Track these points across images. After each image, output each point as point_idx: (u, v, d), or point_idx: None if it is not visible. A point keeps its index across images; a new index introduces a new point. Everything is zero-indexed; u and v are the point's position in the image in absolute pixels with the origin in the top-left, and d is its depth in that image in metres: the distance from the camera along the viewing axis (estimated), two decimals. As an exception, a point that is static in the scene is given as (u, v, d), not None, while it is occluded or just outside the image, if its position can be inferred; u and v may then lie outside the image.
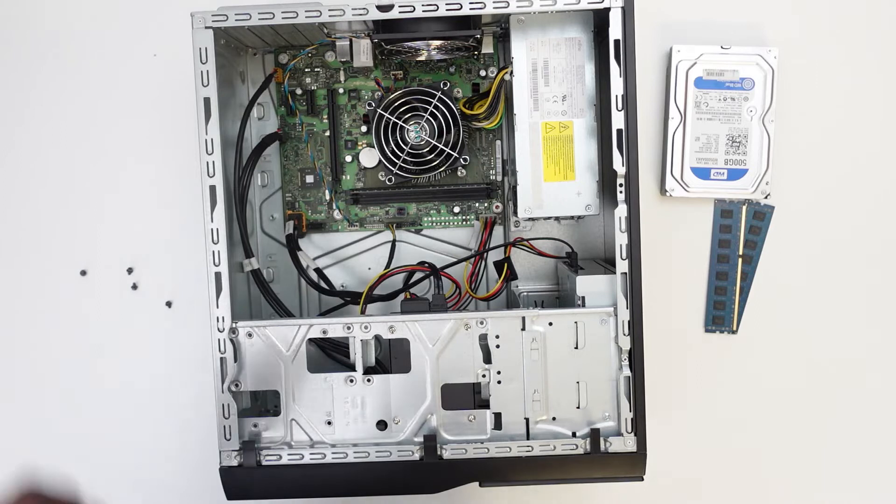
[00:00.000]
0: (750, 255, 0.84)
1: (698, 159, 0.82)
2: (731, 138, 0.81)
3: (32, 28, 0.87)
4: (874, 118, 0.84)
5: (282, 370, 0.71)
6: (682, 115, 0.81)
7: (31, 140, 0.87)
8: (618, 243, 0.69)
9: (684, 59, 0.81)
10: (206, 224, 0.70)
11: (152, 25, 0.86)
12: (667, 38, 0.83)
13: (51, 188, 0.87)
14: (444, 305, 0.73)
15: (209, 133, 0.70)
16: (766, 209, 0.84)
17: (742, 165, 0.82)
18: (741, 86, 0.81)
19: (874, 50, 0.84)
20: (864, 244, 0.84)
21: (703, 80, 0.81)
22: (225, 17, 0.69)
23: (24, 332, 0.87)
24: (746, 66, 0.81)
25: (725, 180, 0.82)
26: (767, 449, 0.85)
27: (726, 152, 0.81)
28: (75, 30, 0.87)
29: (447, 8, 0.68)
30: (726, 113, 0.81)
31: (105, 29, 0.86)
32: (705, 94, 0.81)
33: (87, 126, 0.87)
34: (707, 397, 0.85)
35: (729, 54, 0.81)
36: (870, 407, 0.85)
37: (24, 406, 0.88)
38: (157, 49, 0.86)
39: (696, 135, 0.82)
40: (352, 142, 0.83)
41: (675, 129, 0.82)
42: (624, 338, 0.69)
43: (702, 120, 0.81)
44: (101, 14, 0.86)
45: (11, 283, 0.87)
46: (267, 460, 0.71)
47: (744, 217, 0.83)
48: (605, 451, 0.70)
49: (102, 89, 0.87)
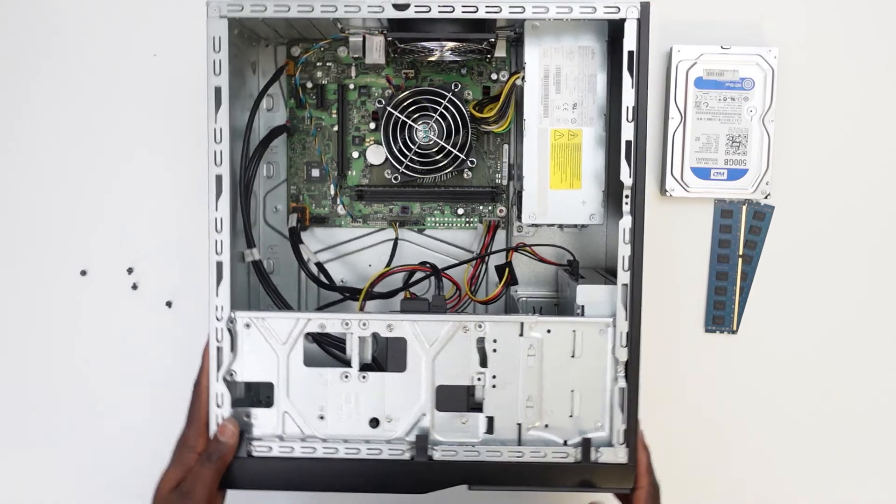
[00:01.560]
0: (750, 255, 0.84)
1: (698, 159, 0.82)
2: (731, 138, 0.81)
3: (32, 28, 0.87)
4: (874, 118, 0.84)
5: (277, 362, 0.71)
6: (682, 115, 0.81)
7: (31, 140, 0.87)
8: (620, 254, 0.69)
9: (684, 59, 0.81)
10: (210, 213, 0.70)
11: (152, 25, 0.86)
12: (667, 38, 0.83)
13: (50, 188, 0.87)
14: (444, 307, 0.74)
15: (218, 122, 0.70)
16: (766, 209, 0.84)
17: (742, 165, 0.82)
18: (741, 86, 0.81)
19: (874, 50, 0.84)
20: (865, 244, 0.85)
21: (704, 80, 0.81)
22: (241, 7, 0.69)
23: (23, 332, 0.87)
24: (746, 66, 0.81)
25: (725, 180, 0.82)
26: (767, 449, 0.85)
27: (726, 152, 0.81)
28: (75, 29, 0.87)
29: (463, 10, 0.68)
30: (726, 113, 0.81)
31: (105, 28, 0.86)
32: (705, 94, 0.81)
33: (87, 126, 0.87)
34: (707, 397, 0.85)
35: (729, 54, 0.81)
36: (870, 407, 0.85)
37: (24, 406, 0.88)
38: (157, 48, 0.86)
39: (696, 135, 0.82)
40: (359, 138, 0.83)
41: (675, 129, 0.82)
42: (621, 349, 0.69)
43: (702, 120, 0.81)
44: (101, 13, 0.86)
45: (11, 283, 0.87)
46: (258, 451, 0.71)
47: (744, 217, 0.84)
48: (595, 461, 0.70)
49: (102, 89, 0.87)
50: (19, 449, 0.88)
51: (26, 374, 0.87)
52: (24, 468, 0.88)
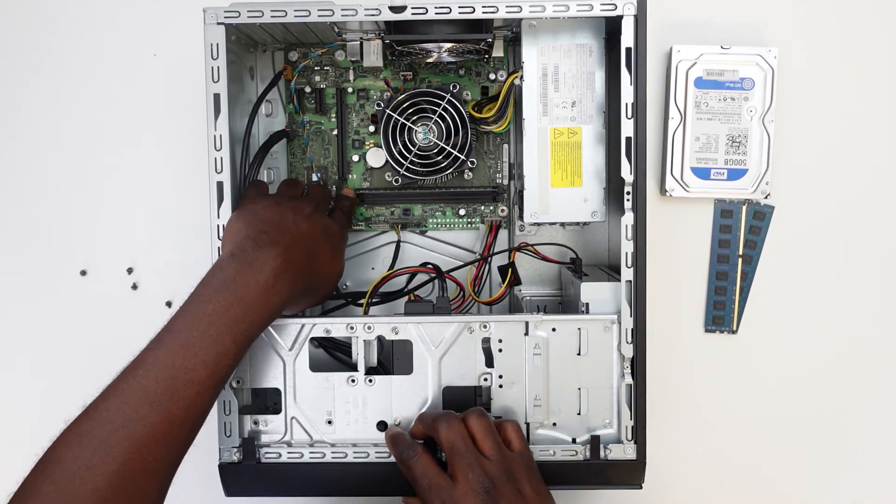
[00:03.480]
0: (750, 255, 0.84)
1: (698, 159, 0.82)
2: (731, 138, 0.81)
3: (32, 28, 0.86)
4: (874, 118, 0.84)
5: (283, 368, 0.71)
6: (682, 115, 0.81)
7: (31, 141, 0.87)
8: (623, 251, 0.69)
9: (684, 59, 0.81)
10: (213, 220, 0.70)
11: (152, 24, 0.86)
12: (667, 38, 0.83)
13: (50, 188, 0.87)
14: (448, 308, 0.73)
15: (218, 129, 0.70)
16: (766, 209, 0.84)
17: (742, 165, 0.82)
18: (741, 86, 0.81)
19: (874, 50, 0.84)
20: (865, 244, 0.85)
21: (703, 80, 0.81)
22: (237, 13, 0.69)
23: (23, 332, 0.87)
24: (746, 66, 0.81)
25: (725, 180, 0.82)
26: (767, 449, 0.85)
27: (726, 152, 0.81)
28: (74, 29, 0.86)
29: (460, 11, 0.68)
30: (726, 113, 0.81)
31: (105, 28, 0.86)
32: (705, 94, 0.81)
33: (87, 126, 0.86)
34: (707, 397, 0.85)
35: (729, 54, 0.81)
36: (871, 406, 0.85)
37: (23, 406, 0.87)
38: (157, 48, 0.86)
39: (696, 135, 0.82)
40: (359, 141, 0.83)
41: (675, 129, 0.82)
42: (627, 346, 0.69)
43: (702, 120, 0.81)
44: (101, 13, 0.86)
45: (11, 283, 0.87)
46: (266, 458, 0.71)
47: (744, 217, 0.84)
48: (604, 458, 0.70)
49: (102, 89, 0.86)
50: (19, 449, 0.87)
51: (26, 374, 0.87)
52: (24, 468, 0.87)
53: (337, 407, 0.71)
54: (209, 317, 0.60)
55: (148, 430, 0.57)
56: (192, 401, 0.59)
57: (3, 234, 0.87)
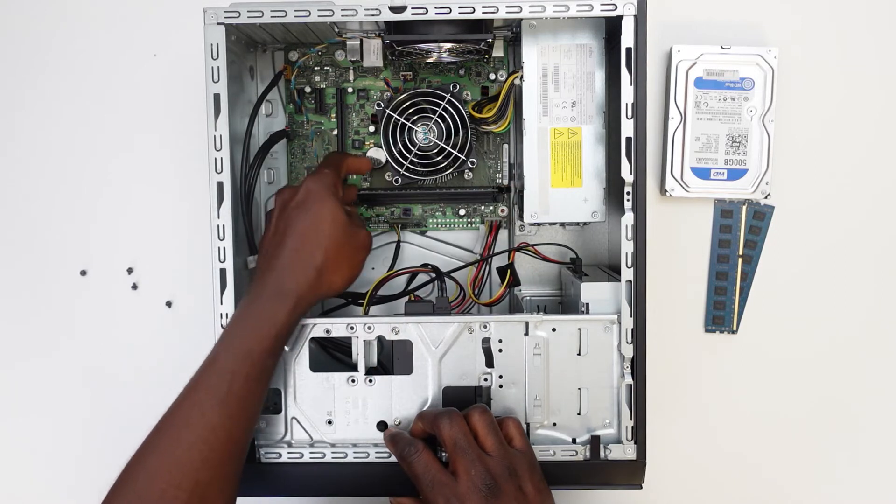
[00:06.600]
0: (750, 255, 0.84)
1: (698, 159, 0.82)
2: (731, 138, 0.81)
3: (32, 28, 0.86)
4: (874, 118, 0.84)
5: (284, 368, 0.71)
6: (682, 115, 0.81)
7: (31, 141, 0.87)
8: (623, 251, 0.69)
9: (684, 59, 0.81)
10: (213, 220, 0.70)
11: (152, 25, 0.86)
12: (667, 37, 0.83)
13: (50, 188, 0.87)
14: (448, 308, 0.73)
15: (218, 129, 0.70)
16: (766, 209, 0.84)
17: (742, 165, 0.82)
18: (741, 86, 0.81)
19: (874, 50, 0.84)
20: (865, 244, 0.85)
21: (703, 80, 0.81)
22: (237, 13, 0.69)
23: (23, 332, 0.87)
24: (746, 66, 0.81)
25: (725, 180, 0.82)
26: (768, 449, 0.85)
27: (726, 152, 0.81)
28: (74, 29, 0.86)
29: (460, 11, 0.68)
30: (726, 113, 0.81)
31: (105, 28, 0.86)
32: (705, 94, 0.81)
33: (87, 126, 0.86)
34: (707, 397, 0.85)
35: (729, 54, 0.81)
36: (871, 406, 0.85)
37: (23, 406, 0.87)
38: (157, 48, 0.86)
39: (696, 135, 0.82)
40: (359, 141, 0.83)
41: (675, 129, 0.82)
42: (627, 346, 0.69)
43: (702, 120, 0.81)
44: (101, 13, 0.86)
45: (11, 284, 0.87)
46: (266, 458, 0.71)
47: (744, 217, 0.84)
48: (604, 458, 0.70)
49: (102, 89, 0.86)
50: (19, 449, 0.88)
51: (26, 375, 0.87)
52: (24, 468, 0.88)
53: (337, 407, 0.71)
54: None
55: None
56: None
57: (3, 234, 0.87)
